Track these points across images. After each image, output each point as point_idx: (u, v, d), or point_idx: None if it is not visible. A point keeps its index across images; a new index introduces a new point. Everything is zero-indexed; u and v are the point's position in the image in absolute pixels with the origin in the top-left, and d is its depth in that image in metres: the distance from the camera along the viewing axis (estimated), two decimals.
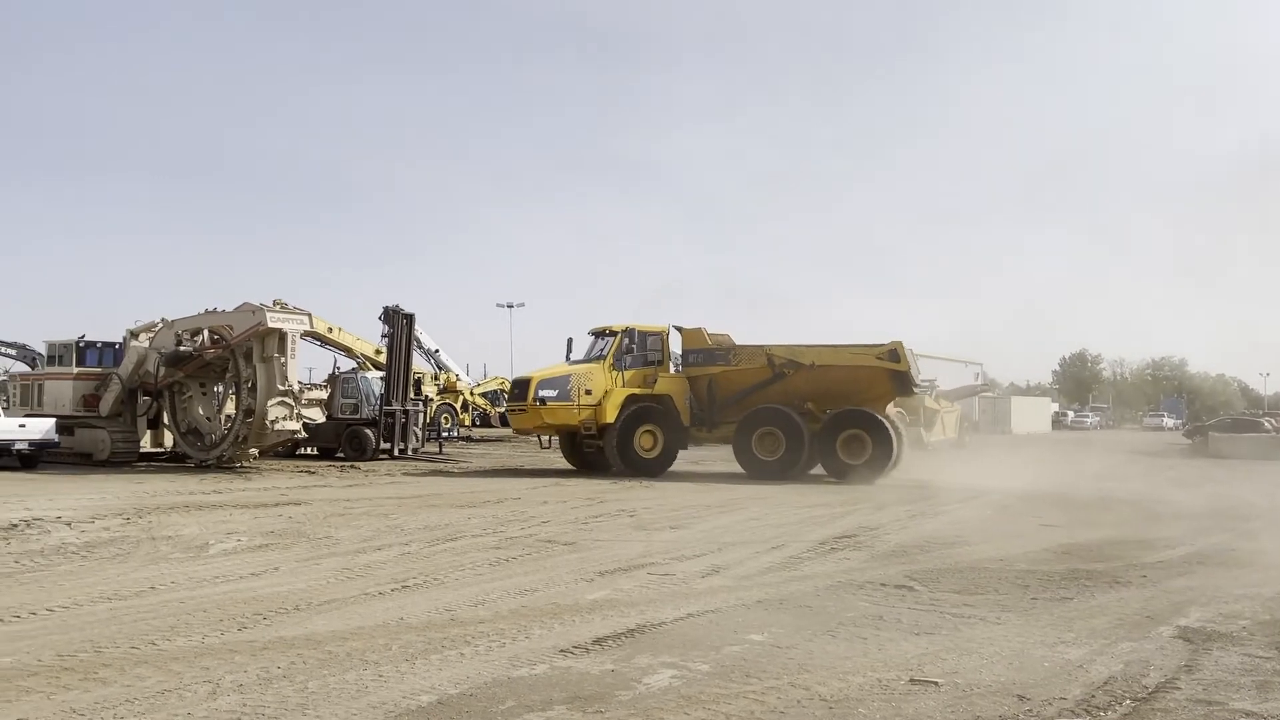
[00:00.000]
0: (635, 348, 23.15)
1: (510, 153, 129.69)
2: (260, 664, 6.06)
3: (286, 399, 22.72)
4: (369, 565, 9.80)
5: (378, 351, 30.59)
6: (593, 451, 23.08)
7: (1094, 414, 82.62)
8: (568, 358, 23.86)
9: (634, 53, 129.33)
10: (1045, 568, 10.06)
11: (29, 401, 26.83)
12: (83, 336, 26.63)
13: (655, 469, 22.26)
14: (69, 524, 12.33)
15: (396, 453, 26.84)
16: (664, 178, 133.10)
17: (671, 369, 23.54)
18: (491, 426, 48.91)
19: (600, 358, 23.13)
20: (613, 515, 14.32)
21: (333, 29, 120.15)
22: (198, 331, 23.84)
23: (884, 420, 22.01)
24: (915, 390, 24.59)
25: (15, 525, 12.06)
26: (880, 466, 21.68)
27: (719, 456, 27.26)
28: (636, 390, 22.71)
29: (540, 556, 10.46)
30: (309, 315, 24.30)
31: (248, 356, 22.86)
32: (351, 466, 24.18)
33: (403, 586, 8.67)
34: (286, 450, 26.65)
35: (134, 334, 25.76)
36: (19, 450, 22.86)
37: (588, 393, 22.29)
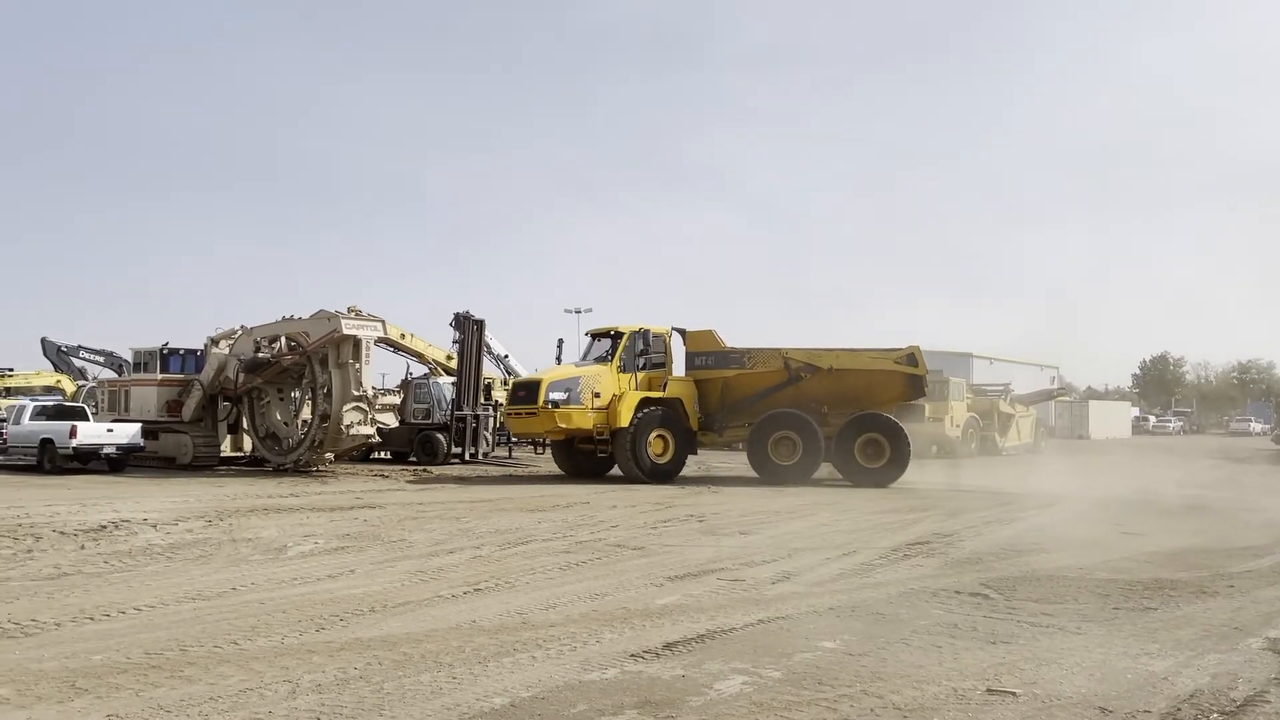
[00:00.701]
0: (647, 350, 22.54)
1: (578, 157, 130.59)
2: (337, 665, 6.18)
3: (361, 404, 23.15)
4: (441, 568, 9.93)
5: (449, 357, 30.98)
6: (589, 456, 22.60)
7: (1176, 418, 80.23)
8: (558, 359, 23.47)
9: (700, 54, 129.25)
10: (1127, 576, 9.79)
11: (116, 407, 27.77)
12: (166, 344, 27.48)
13: (666, 474, 21.66)
14: (154, 526, 12.71)
15: (467, 457, 27.18)
16: (729, 180, 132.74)
17: (674, 372, 23.02)
18: None
19: (605, 359, 22.45)
20: (681, 520, 14.30)
21: (395, 35, 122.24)
22: (275, 338, 24.46)
23: (901, 424, 22.11)
24: (926, 394, 24.36)
25: (104, 526, 12.48)
26: (897, 470, 21.70)
27: (720, 459, 26.93)
28: (649, 394, 22.09)
29: (609, 561, 10.49)
30: (382, 322, 24.73)
31: (323, 363, 23.35)
32: (423, 470, 24.55)
33: (475, 589, 8.77)
34: (361, 454, 27.18)
35: (214, 341, 26.51)
36: (107, 454, 23.70)
37: (596, 395, 21.64)
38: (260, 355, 24.63)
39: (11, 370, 44.26)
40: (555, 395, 21.42)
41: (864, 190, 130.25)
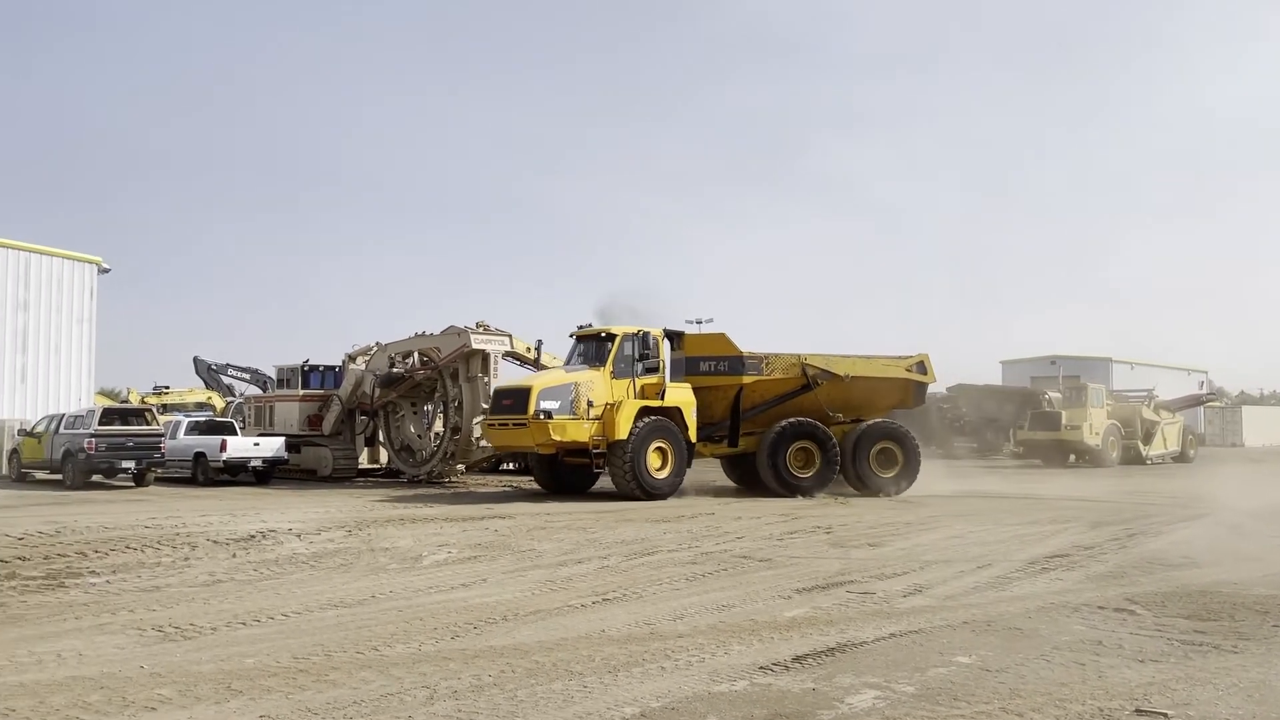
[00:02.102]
0: (646, 354, 20.33)
1: (696, 168, 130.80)
2: (472, 671, 6.35)
3: None
4: (570, 578, 10.08)
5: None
6: (573, 471, 20.55)
7: None
8: (537, 363, 22.23)
9: (825, 63, 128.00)
10: None
11: (261, 422, 29.19)
12: (307, 361, 28.75)
13: (665, 490, 19.66)
14: (298, 536, 13.30)
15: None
16: (845, 187, 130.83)
17: (667, 377, 20.83)
18: None
19: (596, 364, 20.22)
20: (808, 532, 14.14)
21: (503, 45, 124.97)
22: (408, 354, 25.31)
23: (911, 431, 21.77)
24: (925, 403, 24.43)
25: (253, 536, 13.12)
26: (909, 479, 21.27)
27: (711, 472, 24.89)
28: (647, 402, 20.03)
29: (736, 572, 10.46)
30: (509, 336, 25.30)
31: (454, 377, 24.06)
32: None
33: (603, 599, 8.88)
34: (490, 465, 27.82)
35: (351, 358, 27.60)
36: (254, 467, 24.91)
37: (589, 404, 19.48)
38: (394, 371, 25.55)
39: (168, 388, 47.04)
40: (548, 404, 19.18)
41: (985, 194, 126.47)
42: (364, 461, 28.05)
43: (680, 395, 20.47)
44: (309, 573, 10.47)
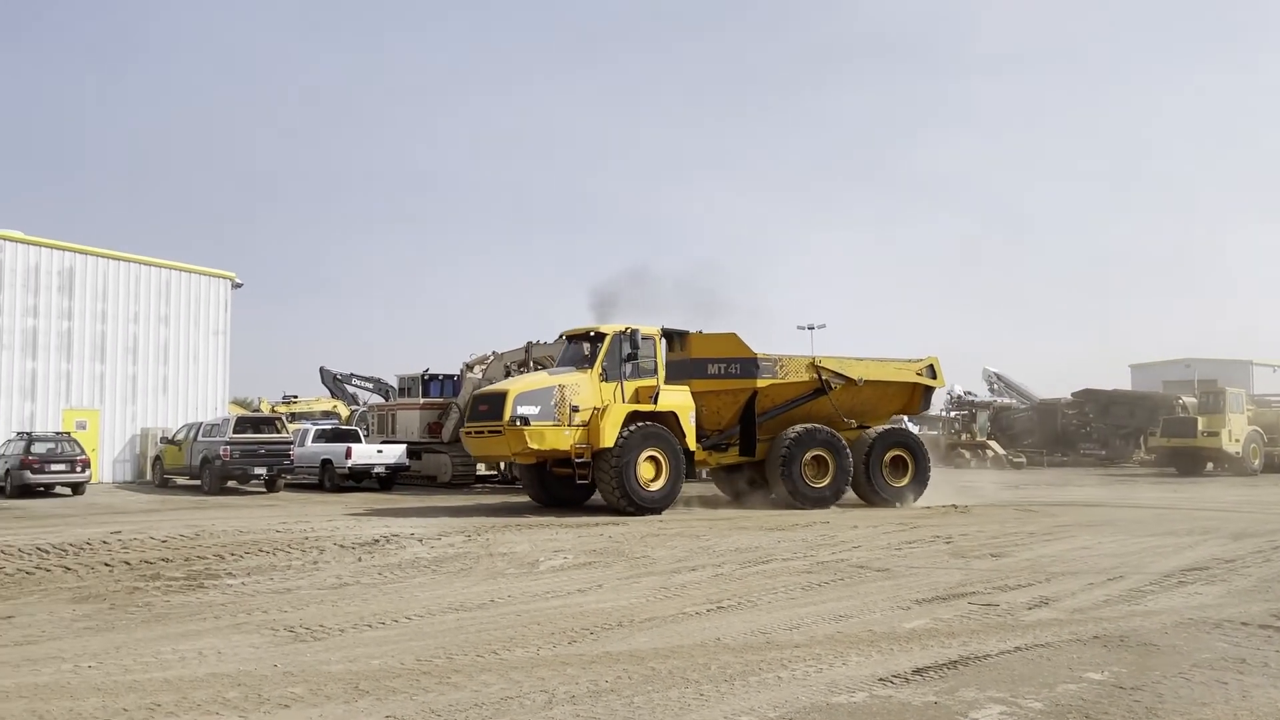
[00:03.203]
0: (637, 354, 18.66)
1: (809, 170, 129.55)
2: (590, 677, 6.41)
3: None
4: (684, 585, 10.09)
5: None
6: (565, 482, 18.73)
7: None
8: (526, 368, 20.59)
9: (938, 61, 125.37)
10: None
11: (384, 429, 30.15)
12: (427, 370, 29.58)
13: (657, 504, 18.06)
14: (420, 540, 13.66)
15: (704, 475, 27.46)
16: (966, 190, 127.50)
17: (662, 379, 19.27)
18: None
19: (585, 365, 18.76)
20: (927, 541, 13.82)
21: (614, 55, 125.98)
22: (524, 362, 25.77)
23: (920, 437, 20.83)
24: (930, 407, 23.47)
25: (377, 540, 13.54)
26: (920, 487, 20.35)
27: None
28: (637, 407, 18.45)
29: (853, 582, 10.29)
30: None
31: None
32: None
33: (718, 607, 8.85)
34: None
35: (469, 367, 28.28)
36: (377, 473, 25.74)
37: (575, 409, 17.99)
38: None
39: (296, 397, 49.03)
40: (525, 410, 17.66)
41: (1111, 190, 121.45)
42: (482, 468, 28.66)
43: (676, 399, 18.95)
44: (430, 576, 10.75)
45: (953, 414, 46.59)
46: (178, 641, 7.49)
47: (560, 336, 20.27)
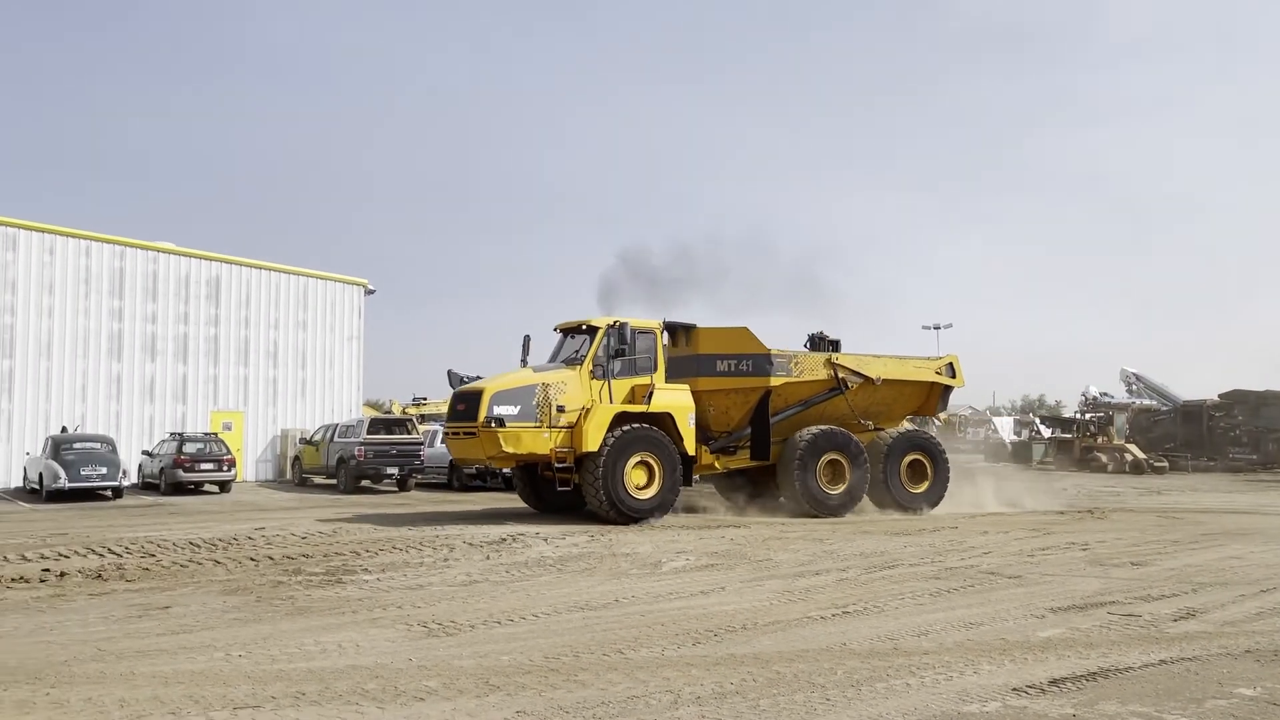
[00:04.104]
0: (627, 350, 17.25)
1: (932, 165, 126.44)
2: (714, 678, 6.42)
3: None
4: (808, 589, 10.00)
5: None
6: (562, 488, 17.01)
7: None
8: (524, 363, 18.50)
9: (1062, 52, 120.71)
10: None
11: None
12: None
13: (648, 513, 16.71)
14: (545, 540, 13.92)
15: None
16: (1087, 181, 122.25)
17: (664, 378, 17.86)
18: None
19: (574, 362, 17.43)
20: (1062, 548, 13.33)
21: (734, 51, 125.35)
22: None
23: (940, 441, 19.75)
24: (947, 408, 22.08)
25: (504, 540, 13.85)
26: (939, 494, 19.17)
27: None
28: (627, 407, 17.11)
29: (983, 589, 10.02)
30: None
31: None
32: None
33: (843, 612, 8.74)
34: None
35: None
36: (503, 473, 26.25)
37: (560, 410, 16.68)
38: None
39: (425, 399, 50.47)
40: (501, 410, 16.35)
41: (1250, 183, 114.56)
42: None
43: (672, 399, 17.52)
44: (555, 575, 10.94)
45: (1087, 416, 44.81)
46: (319, 634, 7.83)
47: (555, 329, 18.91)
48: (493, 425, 16.17)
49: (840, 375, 19.20)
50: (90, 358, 28.69)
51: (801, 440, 18.22)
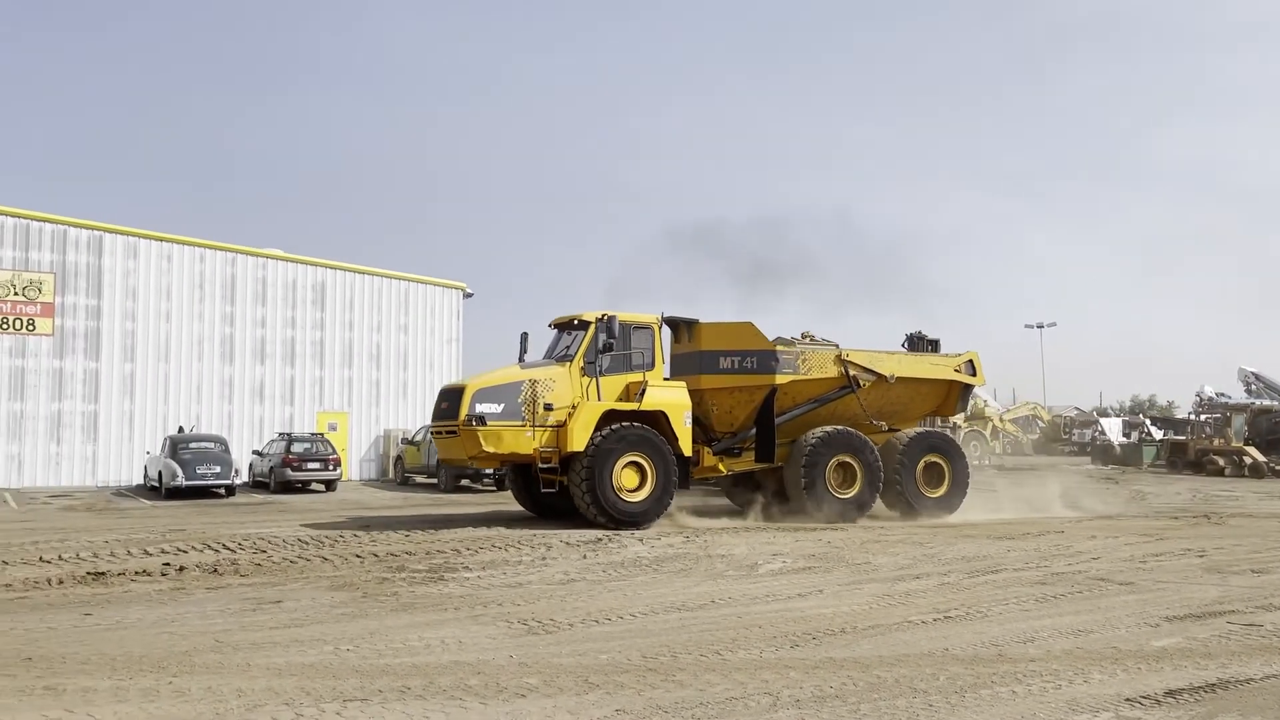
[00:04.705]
0: (617, 345, 16.52)
1: (1025, 161, 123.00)
2: (813, 682, 6.38)
3: None
4: (908, 593, 9.84)
5: None
6: (546, 490, 16.35)
7: None
8: (520, 361, 17.76)
9: (1175, 37, 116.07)
10: None
11: None
12: None
13: (640, 517, 15.81)
14: (641, 540, 13.99)
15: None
16: (1210, 177, 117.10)
17: (664, 374, 17.24)
18: (1024, 455, 46.59)
19: (566, 359, 16.72)
20: (1176, 555, 12.83)
21: (823, 48, 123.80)
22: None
23: (958, 443, 18.67)
24: (966, 408, 20.76)
25: (600, 539, 13.98)
26: (958, 499, 18.04)
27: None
28: (617, 404, 16.39)
29: (1092, 595, 9.71)
30: (836, 346, 25.10)
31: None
32: None
33: (945, 617, 8.58)
34: None
35: None
36: None
37: (548, 408, 16.00)
38: None
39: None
40: (483, 408, 15.69)
41: None
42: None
43: (666, 397, 16.67)
44: (652, 575, 10.99)
45: (1203, 417, 42.98)
46: (423, 630, 8.03)
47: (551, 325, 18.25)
48: (473, 424, 15.59)
49: (851, 373, 18.30)
50: (205, 361, 29.93)
51: (809, 441, 17.42)
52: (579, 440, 15.66)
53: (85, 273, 28.65)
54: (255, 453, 28.23)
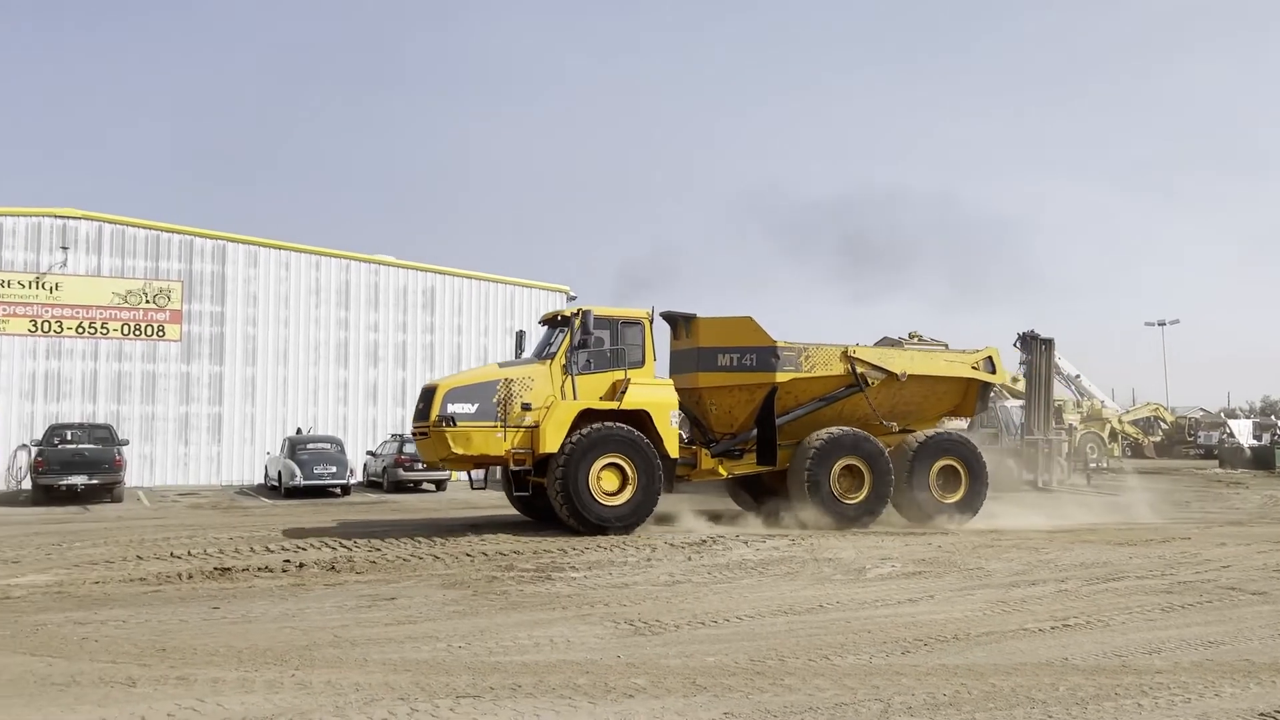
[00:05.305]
0: (604, 341, 15.84)
1: (1148, 151, 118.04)
2: (926, 689, 6.24)
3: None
4: (1024, 600, 9.55)
5: (1014, 380, 29.86)
6: (519, 493, 15.97)
7: None
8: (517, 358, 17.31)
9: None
10: None
11: None
12: None
13: (619, 522, 14.96)
14: (745, 542, 13.92)
15: (1040, 484, 25.79)
16: None
17: (655, 372, 16.32)
18: (1146, 457, 44.76)
19: (548, 357, 16.01)
20: None
21: (925, 42, 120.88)
22: None
23: (978, 446, 17.38)
24: (987, 408, 19.30)
25: (704, 541, 13.95)
26: (975, 505, 16.87)
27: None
28: (595, 404, 15.56)
29: (1223, 605, 9.27)
30: (945, 346, 24.53)
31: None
32: (991, 498, 23.75)
33: (1063, 625, 8.30)
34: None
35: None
36: None
37: (526, 408, 15.25)
38: None
39: None
40: (456, 408, 15.06)
41: None
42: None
43: (649, 395, 15.78)
44: (758, 579, 10.92)
45: None
46: (531, 629, 8.15)
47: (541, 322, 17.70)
48: (442, 425, 15.00)
49: (859, 370, 17.28)
50: (321, 364, 31.00)
51: (814, 443, 16.48)
52: (552, 441, 15.00)
53: (210, 280, 29.96)
54: (369, 453, 29.09)
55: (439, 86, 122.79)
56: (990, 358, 18.62)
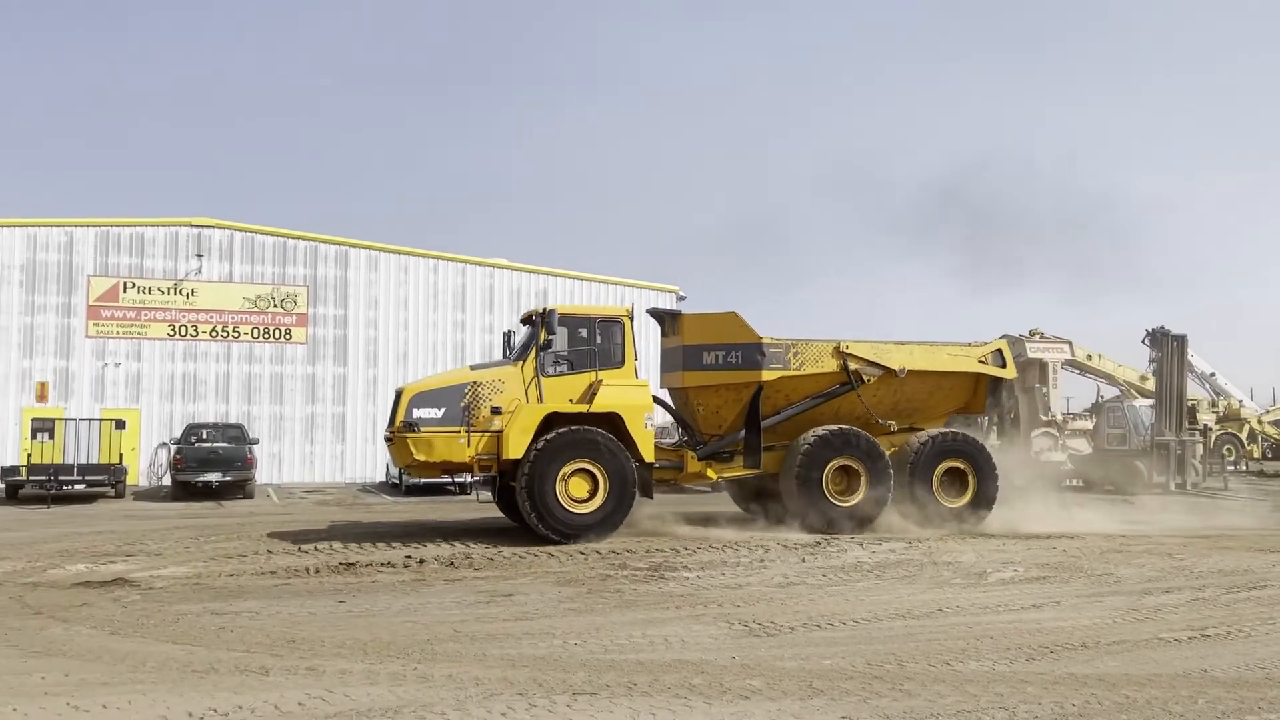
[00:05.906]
0: (565, 341, 15.20)
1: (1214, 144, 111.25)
2: (1053, 698, 6.04)
3: (1050, 429, 22.49)
4: (1158, 608, 9.14)
5: (1143, 378, 28.70)
6: (484, 501, 15.56)
7: None
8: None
9: None
10: None
11: None
12: None
13: (587, 530, 14.18)
14: (861, 545, 13.70)
15: (1173, 486, 24.67)
16: None
17: (636, 373, 15.51)
18: None
19: (520, 359, 15.31)
20: None
21: (1003, 35, 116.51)
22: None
23: (987, 446, 16.11)
24: (1000, 405, 17.67)
25: (818, 543, 13.80)
26: (984, 508, 15.71)
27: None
28: (563, 406, 14.75)
29: None
30: (1069, 344, 23.79)
31: (1009, 389, 23.15)
32: (1124, 501, 22.83)
33: (1201, 635, 7.92)
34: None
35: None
36: None
37: (495, 411, 14.56)
38: None
39: None
40: (421, 412, 14.53)
41: None
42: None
43: (621, 397, 14.96)
44: (874, 581, 10.74)
45: None
46: (645, 627, 8.19)
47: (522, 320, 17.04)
48: (406, 430, 14.52)
49: (852, 367, 16.29)
50: (439, 365, 31.76)
51: (805, 443, 15.67)
52: (516, 447, 14.31)
53: (333, 285, 31.05)
54: None
55: (553, 88, 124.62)
56: (1000, 350, 17.64)
